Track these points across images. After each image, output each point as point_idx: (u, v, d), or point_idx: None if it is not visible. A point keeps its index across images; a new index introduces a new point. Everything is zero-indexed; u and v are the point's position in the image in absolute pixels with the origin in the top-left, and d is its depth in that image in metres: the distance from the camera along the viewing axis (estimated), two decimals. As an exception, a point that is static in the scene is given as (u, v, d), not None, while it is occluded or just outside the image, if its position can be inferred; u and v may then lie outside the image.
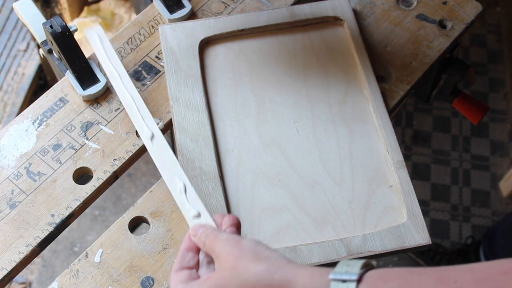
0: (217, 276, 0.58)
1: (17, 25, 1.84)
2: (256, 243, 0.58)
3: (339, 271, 0.52)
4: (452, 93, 1.04)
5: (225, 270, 0.57)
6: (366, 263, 0.53)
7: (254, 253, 0.57)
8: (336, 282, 0.51)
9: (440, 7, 0.94)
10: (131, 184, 1.77)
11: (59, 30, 0.80)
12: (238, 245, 0.58)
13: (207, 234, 0.62)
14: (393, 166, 0.79)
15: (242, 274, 0.56)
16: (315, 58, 0.88)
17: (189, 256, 0.63)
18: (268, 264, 0.56)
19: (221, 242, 0.60)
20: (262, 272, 0.55)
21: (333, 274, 0.52)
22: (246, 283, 0.55)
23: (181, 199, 0.68)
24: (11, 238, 0.75)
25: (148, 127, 0.75)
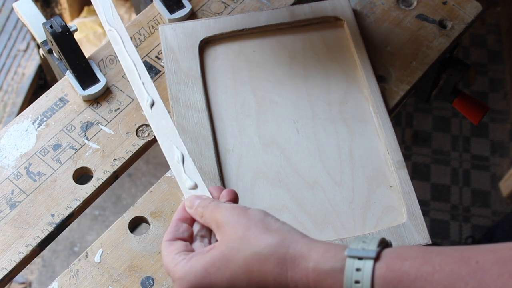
0: (222, 247, 0.54)
1: (17, 25, 1.84)
2: (264, 213, 0.55)
3: (355, 247, 0.50)
4: (452, 93, 1.04)
5: (232, 241, 0.53)
6: (382, 240, 0.51)
7: (264, 224, 0.54)
8: (352, 259, 0.49)
9: (440, 7, 0.94)
10: (131, 184, 1.78)
11: (59, 30, 0.81)
12: (246, 214, 0.55)
13: (205, 204, 0.59)
14: (393, 166, 0.79)
15: (253, 246, 0.52)
16: (315, 58, 0.88)
17: (183, 227, 0.60)
18: (281, 236, 0.53)
19: (225, 211, 0.56)
20: (275, 245, 0.52)
21: (348, 250, 0.50)
22: (257, 255, 0.52)
23: (178, 168, 0.66)
24: (11, 238, 0.75)
25: (149, 93, 0.72)
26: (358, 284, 0.48)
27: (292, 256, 0.51)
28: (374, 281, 0.48)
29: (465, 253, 0.47)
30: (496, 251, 0.46)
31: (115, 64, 0.88)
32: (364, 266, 0.48)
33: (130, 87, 0.86)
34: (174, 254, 0.57)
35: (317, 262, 0.50)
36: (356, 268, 0.48)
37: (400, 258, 0.48)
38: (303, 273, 0.51)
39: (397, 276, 0.47)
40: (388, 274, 0.48)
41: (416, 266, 0.47)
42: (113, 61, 0.88)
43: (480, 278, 0.45)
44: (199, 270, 0.54)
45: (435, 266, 0.46)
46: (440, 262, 0.47)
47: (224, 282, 0.53)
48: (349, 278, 0.48)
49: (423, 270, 0.47)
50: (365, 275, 0.48)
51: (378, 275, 0.48)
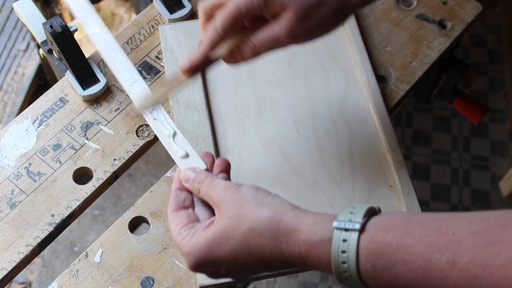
0: (221, 224, 0.58)
1: (17, 25, 1.84)
2: (256, 189, 0.59)
3: (342, 219, 0.53)
4: (452, 93, 1.04)
5: (229, 218, 0.57)
6: (370, 209, 0.54)
7: (256, 200, 0.57)
8: (339, 231, 0.52)
9: (440, 7, 0.94)
10: (131, 184, 1.77)
11: (59, 30, 0.80)
12: (238, 192, 0.59)
13: (200, 180, 0.62)
14: (393, 166, 0.79)
15: (248, 222, 0.56)
16: (315, 58, 0.88)
17: (183, 196, 0.63)
18: (273, 211, 0.56)
19: (219, 190, 0.60)
20: (268, 219, 0.56)
21: (336, 222, 0.53)
22: (252, 231, 0.56)
23: (168, 141, 0.68)
24: (11, 238, 0.75)
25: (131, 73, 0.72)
26: (344, 253, 0.52)
27: (284, 230, 0.55)
28: (359, 252, 0.51)
29: (444, 224, 0.50)
30: (473, 222, 0.49)
31: (115, 64, 0.88)
32: (350, 237, 0.52)
33: (130, 87, 0.86)
34: (179, 229, 0.60)
35: (307, 235, 0.54)
36: (343, 239, 0.52)
37: (383, 230, 0.51)
38: (295, 245, 0.54)
39: (380, 247, 0.51)
40: (371, 245, 0.51)
41: (397, 238, 0.50)
42: (113, 61, 0.88)
43: (455, 249, 0.48)
44: (203, 246, 0.57)
45: (414, 237, 0.50)
46: (419, 234, 0.50)
47: (226, 255, 0.57)
48: (336, 248, 0.52)
49: (403, 242, 0.50)
50: (351, 246, 0.52)
51: (362, 246, 0.51)
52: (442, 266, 0.48)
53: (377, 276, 0.51)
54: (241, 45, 0.66)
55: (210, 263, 0.58)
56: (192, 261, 0.58)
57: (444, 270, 0.48)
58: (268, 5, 0.63)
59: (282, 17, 0.63)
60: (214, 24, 0.65)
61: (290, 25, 0.63)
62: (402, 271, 0.50)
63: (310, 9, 0.63)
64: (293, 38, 0.64)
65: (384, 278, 0.51)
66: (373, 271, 0.51)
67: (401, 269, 0.50)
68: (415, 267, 0.49)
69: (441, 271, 0.48)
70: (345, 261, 0.52)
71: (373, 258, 0.51)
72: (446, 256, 0.48)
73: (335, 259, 0.52)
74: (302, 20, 0.63)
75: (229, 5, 0.64)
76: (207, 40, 0.65)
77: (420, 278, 0.49)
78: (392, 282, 0.50)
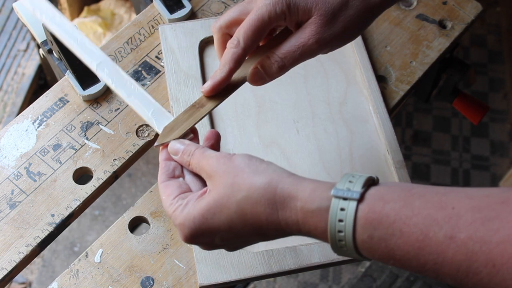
0: (215, 194, 0.56)
1: (17, 25, 1.84)
2: (249, 157, 0.57)
3: (341, 187, 0.52)
4: (452, 93, 1.04)
5: (223, 188, 0.56)
6: (368, 179, 0.52)
7: (250, 168, 0.56)
8: (337, 199, 0.51)
9: (440, 7, 0.94)
10: (131, 184, 1.77)
11: (59, 30, 0.80)
12: (231, 161, 0.57)
13: (190, 151, 0.60)
14: (393, 166, 0.79)
15: (243, 191, 0.55)
16: (315, 58, 0.88)
17: (173, 165, 0.61)
18: (268, 178, 0.55)
19: (211, 161, 0.58)
20: (263, 187, 0.54)
21: (334, 190, 0.52)
22: (247, 199, 0.54)
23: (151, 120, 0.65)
24: (11, 238, 0.75)
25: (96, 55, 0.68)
26: (341, 222, 0.51)
27: (280, 196, 0.54)
28: (357, 221, 0.50)
29: (444, 198, 0.49)
30: (473, 198, 0.48)
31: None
32: (348, 206, 0.51)
33: (130, 87, 0.86)
34: (171, 199, 0.58)
35: (305, 202, 0.53)
36: (341, 208, 0.51)
37: (382, 200, 0.50)
38: (292, 212, 0.53)
39: (378, 217, 0.50)
40: (369, 215, 0.50)
41: (396, 209, 0.49)
42: (113, 61, 0.88)
43: (454, 223, 0.47)
44: (197, 217, 0.56)
45: (413, 209, 0.49)
46: (419, 206, 0.49)
47: (221, 225, 0.56)
48: (334, 217, 0.51)
49: (402, 213, 0.49)
50: (348, 215, 0.51)
51: (360, 216, 0.50)
52: (439, 240, 0.47)
53: (373, 247, 0.50)
54: (266, 61, 0.64)
55: (205, 234, 0.56)
56: (186, 232, 0.57)
57: (441, 244, 0.47)
58: (292, 12, 0.62)
59: (307, 24, 0.62)
60: (235, 38, 0.62)
61: (318, 31, 0.62)
62: (399, 243, 0.49)
63: (336, 12, 0.61)
64: (322, 44, 0.62)
65: (380, 249, 0.50)
66: (370, 242, 0.50)
67: (398, 241, 0.49)
68: (412, 240, 0.48)
69: (438, 245, 0.47)
70: (341, 230, 0.51)
71: (370, 229, 0.50)
72: (444, 230, 0.47)
73: (331, 228, 0.51)
74: (329, 24, 0.61)
75: (251, 15, 0.62)
76: (229, 57, 0.62)
77: (416, 251, 0.48)
78: (387, 253, 0.50)
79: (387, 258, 0.50)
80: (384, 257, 0.50)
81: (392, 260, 0.50)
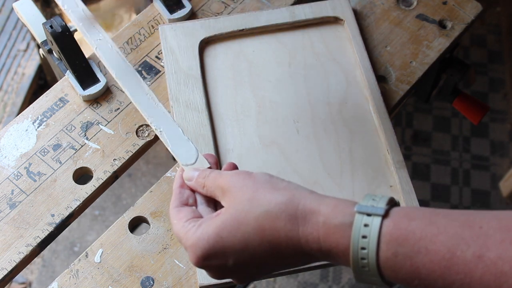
0: (231, 210, 0.54)
1: (17, 25, 1.84)
2: (270, 175, 0.56)
3: (364, 204, 0.51)
4: (452, 93, 1.04)
5: (241, 203, 0.54)
6: (391, 199, 0.52)
7: (271, 184, 0.55)
8: (361, 215, 0.50)
9: (440, 7, 0.94)
10: (131, 184, 1.77)
11: (59, 30, 0.81)
12: (251, 177, 0.56)
13: (205, 175, 0.59)
14: (393, 166, 0.79)
15: (263, 205, 0.53)
16: (315, 58, 0.88)
17: (187, 193, 0.60)
18: (290, 194, 0.53)
19: (230, 177, 0.57)
20: (285, 202, 0.53)
21: (358, 206, 0.51)
22: (267, 214, 0.53)
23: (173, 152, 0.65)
24: (11, 238, 0.75)
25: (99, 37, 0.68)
26: (365, 239, 0.49)
27: (302, 212, 0.52)
28: (381, 237, 0.49)
29: (471, 217, 0.48)
30: (501, 219, 0.47)
31: (115, 64, 0.88)
32: (372, 222, 0.49)
33: (130, 87, 0.86)
34: (183, 222, 0.57)
35: (327, 217, 0.51)
36: (364, 223, 0.49)
37: (408, 218, 0.49)
38: (313, 228, 0.52)
39: (403, 234, 0.48)
40: (394, 232, 0.49)
41: (422, 227, 0.48)
42: (113, 61, 0.88)
43: (482, 242, 0.46)
44: (211, 235, 0.54)
45: (439, 228, 0.48)
46: (445, 225, 0.48)
47: (236, 244, 0.54)
48: (357, 232, 0.49)
49: (428, 231, 0.48)
50: (373, 231, 0.49)
51: (385, 232, 0.49)
52: (467, 259, 0.46)
53: (397, 265, 0.49)
54: None
55: (218, 254, 0.54)
56: (198, 253, 0.54)
57: (469, 264, 0.46)
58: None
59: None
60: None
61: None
62: (425, 261, 0.47)
63: None
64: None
65: (404, 267, 0.48)
66: (394, 260, 0.49)
67: (424, 259, 0.47)
68: (438, 258, 0.47)
69: (465, 264, 0.46)
70: (364, 247, 0.49)
71: (395, 246, 0.48)
72: (472, 249, 0.46)
73: (354, 244, 0.50)
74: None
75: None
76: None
77: (443, 270, 0.47)
78: (412, 272, 0.48)
79: (411, 278, 0.49)
80: (408, 276, 0.49)
81: (417, 279, 0.48)
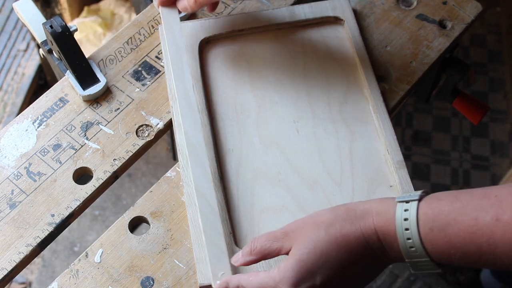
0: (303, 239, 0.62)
1: (17, 25, 1.84)
2: None
3: (403, 196, 0.61)
4: (452, 93, 1.04)
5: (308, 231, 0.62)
6: (426, 190, 0.62)
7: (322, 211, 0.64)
8: (401, 203, 0.60)
9: (440, 7, 0.94)
10: (131, 184, 1.77)
11: (59, 30, 0.81)
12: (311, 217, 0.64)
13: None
14: (393, 166, 0.79)
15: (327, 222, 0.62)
16: (315, 58, 0.88)
17: None
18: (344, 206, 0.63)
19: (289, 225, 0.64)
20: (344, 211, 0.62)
21: (398, 197, 0.61)
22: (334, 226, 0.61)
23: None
24: (11, 238, 0.75)
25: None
26: (406, 221, 0.59)
27: (360, 213, 0.62)
28: (418, 217, 0.59)
29: (487, 190, 0.58)
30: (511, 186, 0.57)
31: (115, 64, 0.88)
32: (410, 207, 0.60)
33: (130, 87, 0.86)
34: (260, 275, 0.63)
35: (378, 211, 0.61)
36: (405, 209, 0.60)
37: (437, 198, 0.60)
38: (370, 222, 0.61)
39: (435, 211, 0.58)
40: (427, 211, 0.59)
41: (449, 203, 0.58)
42: (113, 61, 0.88)
43: (498, 208, 0.55)
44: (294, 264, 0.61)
45: (463, 202, 0.58)
46: (467, 199, 0.58)
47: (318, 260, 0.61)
48: (400, 217, 0.60)
49: (454, 206, 0.58)
50: (412, 213, 0.59)
51: (421, 213, 0.59)
52: (488, 223, 0.55)
53: (435, 239, 0.58)
54: None
55: (305, 276, 0.60)
56: (289, 282, 0.60)
57: (490, 227, 0.55)
58: None
59: None
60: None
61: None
62: (455, 231, 0.57)
63: None
64: None
65: (440, 239, 0.58)
66: (431, 234, 0.58)
67: (453, 229, 0.57)
68: (465, 226, 0.56)
69: (487, 228, 0.55)
70: (408, 227, 0.59)
71: (430, 222, 0.58)
72: (490, 214, 0.55)
73: (399, 227, 0.59)
74: None
75: None
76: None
77: (470, 235, 0.56)
78: (448, 242, 0.57)
79: (448, 248, 0.57)
80: (446, 247, 0.58)
81: (453, 249, 0.57)
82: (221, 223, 0.73)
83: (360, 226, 0.61)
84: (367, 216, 0.61)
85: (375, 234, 0.61)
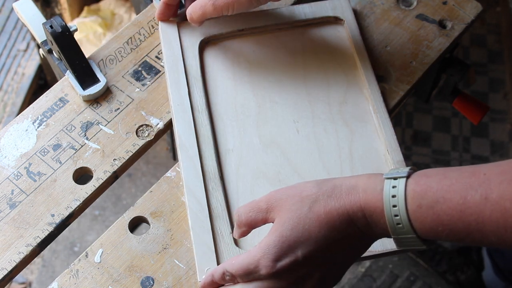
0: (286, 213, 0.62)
1: (17, 25, 1.84)
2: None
3: (390, 172, 0.61)
4: (452, 93, 1.04)
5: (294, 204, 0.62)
6: (413, 167, 0.61)
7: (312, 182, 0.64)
8: (389, 180, 0.60)
9: (440, 7, 0.94)
10: (131, 184, 1.77)
11: (59, 30, 0.81)
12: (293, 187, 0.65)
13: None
14: (393, 166, 0.79)
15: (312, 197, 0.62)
16: (315, 58, 0.88)
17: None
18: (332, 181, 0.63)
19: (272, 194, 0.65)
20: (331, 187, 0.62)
21: (386, 174, 0.61)
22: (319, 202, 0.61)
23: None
24: (11, 238, 0.75)
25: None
26: (394, 198, 0.59)
27: (346, 190, 0.62)
28: (407, 194, 0.58)
29: (476, 168, 0.57)
30: (501, 165, 0.56)
31: (115, 64, 0.88)
32: (398, 184, 0.59)
33: (130, 87, 0.86)
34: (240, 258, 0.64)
35: (364, 188, 0.61)
36: (393, 185, 0.59)
37: (426, 175, 0.59)
38: (356, 198, 0.61)
39: (424, 188, 0.58)
40: (416, 188, 0.58)
41: (438, 181, 0.58)
42: (113, 61, 0.88)
43: (486, 186, 0.55)
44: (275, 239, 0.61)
45: (452, 179, 0.57)
46: (456, 177, 0.57)
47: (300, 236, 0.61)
48: (388, 193, 0.59)
49: (443, 183, 0.57)
50: (400, 190, 0.59)
51: (409, 190, 0.59)
52: (476, 201, 0.55)
53: (423, 216, 0.57)
54: None
55: (287, 251, 0.60)
56: (271, 257, 0.61)
57: (478, 205, 0.55)
58: None
59: None
60: None
61: None
62: (444, 208, 0.56)
63: None
64: None
65: (428, 216, 0.57)
66: (419, 211, 0.58)
67: (442, 206, 0.56)
68: (454, 204, 0.56)
69: (476, 206, 0.55)
70: (395, 204, 0.58)
71: (419, 199, 0.58)
72: (479, 193, 0.55)
73: (386, 204, 0.59)
74: None
75: None
76: None
77: (459, 214, 0.56)
78: (436, 220, 0.57)
79: (436, 225, 0.57)
80: (434, 224, 0.57)
81: (441, 226, 0.57)
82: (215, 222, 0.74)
83: (345, 203, 0.61)
84: (353, 192, 0.61)
85: (361, 211, 0.60)
